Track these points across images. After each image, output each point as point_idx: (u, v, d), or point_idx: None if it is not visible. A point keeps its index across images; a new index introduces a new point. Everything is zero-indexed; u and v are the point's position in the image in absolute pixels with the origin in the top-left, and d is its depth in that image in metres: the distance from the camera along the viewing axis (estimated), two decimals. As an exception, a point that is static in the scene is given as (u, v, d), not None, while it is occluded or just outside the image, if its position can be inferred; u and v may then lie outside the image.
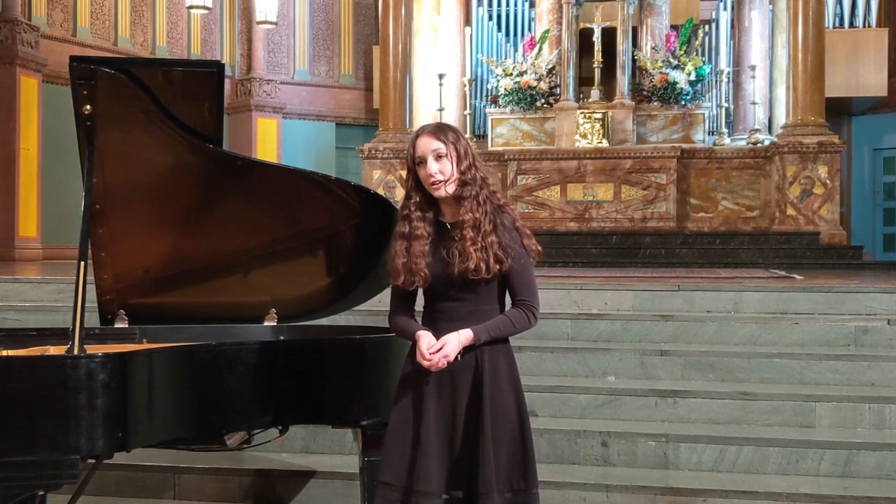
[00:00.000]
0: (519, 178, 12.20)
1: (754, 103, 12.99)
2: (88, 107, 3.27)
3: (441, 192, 2.92)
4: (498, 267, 2.86)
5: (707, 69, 12.97)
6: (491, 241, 2.86)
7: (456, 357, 2.86)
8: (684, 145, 12.23)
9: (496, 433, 2.88)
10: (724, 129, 13.11)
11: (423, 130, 3.01)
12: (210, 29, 16.36)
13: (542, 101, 13.01)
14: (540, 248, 3.00)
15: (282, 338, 3.96)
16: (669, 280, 7.17)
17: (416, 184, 2.97)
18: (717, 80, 13.39)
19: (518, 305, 2.96)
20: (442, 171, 2.91)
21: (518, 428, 2.93)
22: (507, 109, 13.08)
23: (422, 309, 3.05)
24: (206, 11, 14.44)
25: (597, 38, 12.78)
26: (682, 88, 12.47)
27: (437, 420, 2.91)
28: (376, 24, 15.49)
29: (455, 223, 2.93)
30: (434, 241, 2.92)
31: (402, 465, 2.92)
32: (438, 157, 2.92)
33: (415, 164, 2.97)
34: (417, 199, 2.96)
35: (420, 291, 3.03)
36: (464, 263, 2.84)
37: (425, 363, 2.85)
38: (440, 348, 2.85)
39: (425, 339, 2.88)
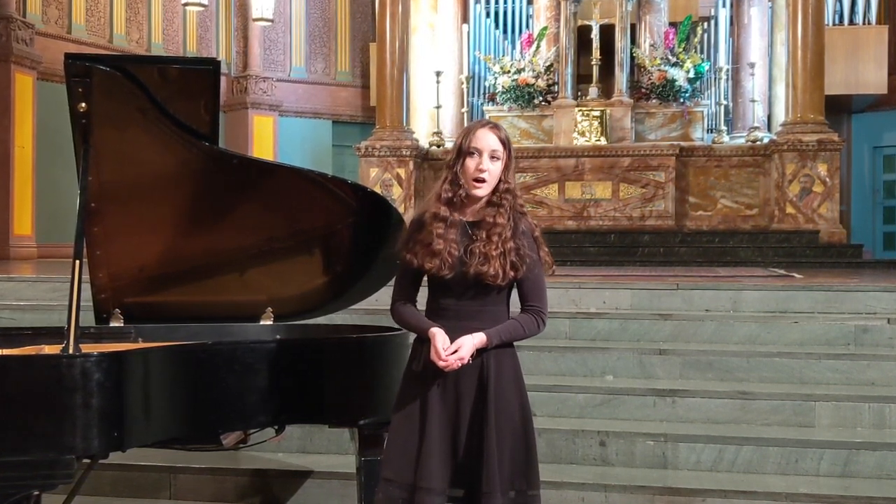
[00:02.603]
0: (517, 176, 12.14)
1: (753, 101, 12.97)
2: (84, 104, 3.25)
3: (480, 192, 2.92)
4: (513, 274, 2.88)
5: (706, 67, 12.96)
6: (509, 247, 2.87)
7: (468, 360, 2.87)
8: (683, 143, 12.21)
9: (500, 434, 2.89)
10: (723, 127, 13.08)
11: (486, 124, 3.01)
12: (206, 26, 16.32)
13: (540, 98, 12.99)
14: (553, 262, 3.02)
15: (278, 337, 3.94)
16: (668, 279, 7.15)
17: (464, 174, 2.94)
18: (716, 78, 13.37)
19: (528, 311, 2.98)
20: (491, 172, 2.92)
21: (521, 429, 2.95)
22: (505, 107, 13.06)
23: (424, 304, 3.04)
24: (202, 8, 14.39)
25: (595, 35, 12.74)
26: (680, 86, 12.46)
27: (440, 418, 2.91)
28: (373, 21, 15.45)
29: (476, 223, 2.93)
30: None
31: (404, 461, 2.92)
32: (494, 157, 2.92)
33: (467, 151, 2.93)
34: (466, 189, 2.93)
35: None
36: (482, 266, 2.85)
37: (441, 364, 2.85)
38: (455, 350, 2.85)
39: (441, 338, 2.87)
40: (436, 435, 2.89)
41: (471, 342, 2.86)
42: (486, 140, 2.92)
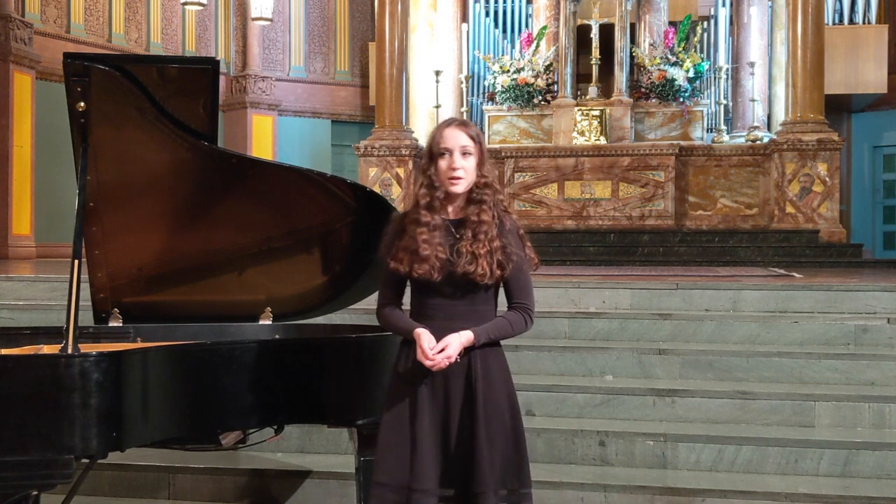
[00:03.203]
0: (516, 175, 12.16)
1: (753, 100, 12.96)
2: (82, 104, 3.25)
3: (457, 189, 2.92)
4: (500, 272, 2.88)
5: (706, 66, 12.93)
6: (496, 245, 2.87)
7: (456, 358, 2.86)
8: (682, 143, 12.18)
9: (490, 433, 2.88)
10: (723, 127, 13.07)
11: (452, 122, 3.00)
12: (205, 25, 16.31)
13: (540, 98, 12.96)
14: (538, 259, 3.02)
15: (277, 337, 3.93)
16: (668, 278, 7.14)
17: (436, 174, 2.94)
18: (715, 77, 13.35)
19: (515, 308, 2.98)
20: (465, 169, 2.91)
21: (511, 427, 2.94)
22: (504, 106, 13.04)
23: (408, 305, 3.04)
24: (200, 8, 14.39)
25: (594, 34, 12.72)
26: (680, 85, 12.43)
27: (431, 419, 2.90)
28: (372, 20, 15.45)
29: (459, 221, 2.93)
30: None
31: (397, 464, 2.91)
32: (465, 153, 2.92)
33: (438, 153, 2.93)
34: (445, 190, 2.93)
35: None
36: (470, 265, 2.84)
37: (428, 363, 2.84)
38: (442, 349, 2.84)
39: (426, 338, 2.86)
40: (428, 436, 2.89)
41: (458, 340, 2.85)
42: (455, 138, 2.91)
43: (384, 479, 2.92)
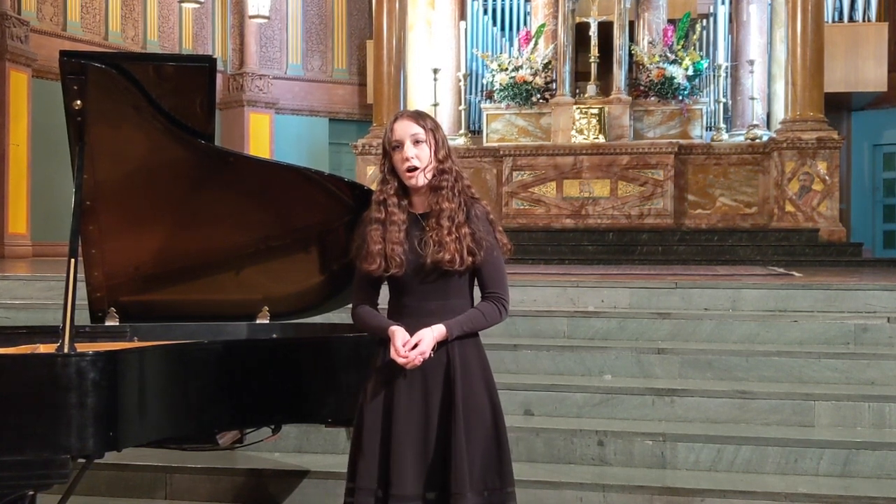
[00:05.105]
0: (514, 174, 12.15)
1: (752, 98, 12.93)
2: (79, 102, 3.24)
3: (415, 182, 2.89)
4: (471, 259, 2.84)
5: (705, 64, 12.92)
6: (464, 232, 2.84)
7: (430, 353, 2.82)
8: (682, 141, 12.17)
9: (470, 432, 2.83)
10: (722, 125, 13.03)
11: (402, 114, 2.98)
12: (202, 23, 16.28)
13: (538, 96, 12.92)
14: (511, 245, 2.99)
15: (274, 336, 3.92)
16: (667, 277, 7.13)
17: (392, 169, 2.93)
18: (714, 76, 13.33)
19: (489, 298, 2.94)
20: (419, 157, 2.88)
21: (492, 425, 2.90)
22: (503, 105, 13.00)
23: (385, 305, 3.01)
24: (197, 6, 14.38)
25: (593, 32, 12.69)
26: (679, 83, 12.40)
27: (408, 420, 2.86)
28: (370, 18, 15.42)
29: (427, 213, 2.90)
30: (406, 231, 2.88)
31: (374, 468, 2.86)
32: (416, 142, 2.89)
33: (391, 147, 2.92)
34: (395, 184, 2.92)
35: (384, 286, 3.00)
36: (438, 254, 2.81)
37: (401, 360, 2.80)
38: (415, 345, 2.80)
39: (399, 335, 2.83)
40: (405, 438, 2.84)
41: (430, 335, 2.81)
42: (404, 128, 2.90)
43: (361, 484, 2.87)
